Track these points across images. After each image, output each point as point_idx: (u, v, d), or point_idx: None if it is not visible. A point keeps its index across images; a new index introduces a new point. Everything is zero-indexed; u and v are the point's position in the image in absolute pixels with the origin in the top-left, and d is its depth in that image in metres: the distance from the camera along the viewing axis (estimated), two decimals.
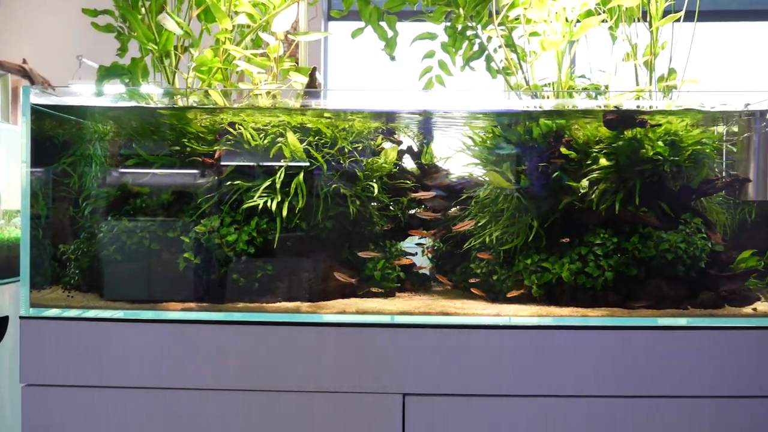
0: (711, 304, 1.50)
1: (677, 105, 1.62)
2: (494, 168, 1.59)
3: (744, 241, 1.58)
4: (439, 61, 2.06)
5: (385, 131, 1.67)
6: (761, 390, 1.45)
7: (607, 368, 1.44)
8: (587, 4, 1.72)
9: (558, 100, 1.68)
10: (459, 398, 1.45)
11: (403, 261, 1.62)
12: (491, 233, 1.57)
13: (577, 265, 1.50)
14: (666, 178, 1.50)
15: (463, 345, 1.44)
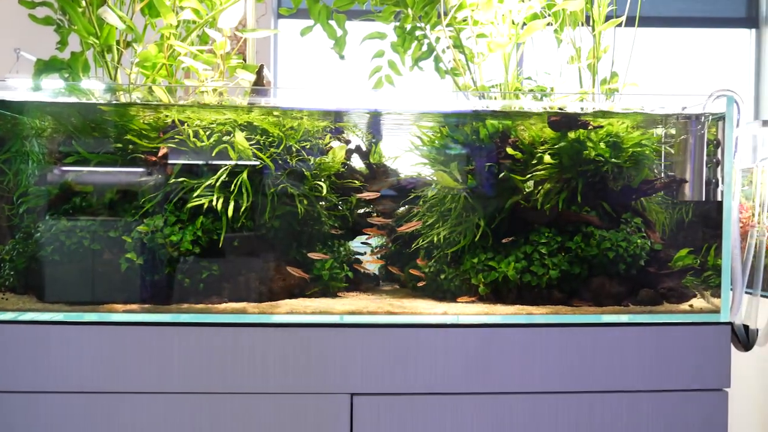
0: (650, 301, 1.55)
1: (619, 107, 1.66)
2: (442, 168, 1.60)
3: (681, 239, 1.64)
4: (389, 61, 2.07)
5: (334, 130, 1.67)
6: (698, 384, 1.50)
7: (551, 365, 1.47)
8: (533, 7, 1.75)
9: (504, 101, 1.70)
10: (407, 397, 1.45)
11: (374, 261, 1.63)
12: (439, 233, 1.58)
13: (522, 264, 1.52)
14: (607, 178, 1.54)
15: (411, 344, 1.45)
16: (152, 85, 1.62)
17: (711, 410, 1.51)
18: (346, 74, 3.37)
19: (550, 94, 1.81)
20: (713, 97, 1.49)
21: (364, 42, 2.05)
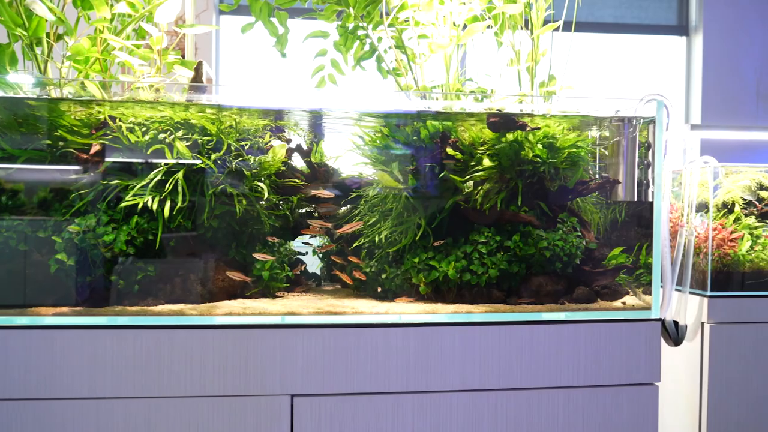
0: (585, 298, 1.59)
1: (556, 110, 1.70)
2: (383, 168, 1.60)
3: (615, 239, 1.68)
4: (332, 60, 2.06)
5: (274, 129, 1.65)
6: (630, 378, 1.55)
7: (491, 363, 1.49)
8: (473, 9, 1.77)
9: (446, 102, 1.72)
10: (348, 397, 1.45)
11: (358, 274, 1.61)
12: (380, 233, 1.58)
13: (462, 263, 1.54)
14: (545, 179, 1.57)
15: (352, 344, 1.44)
16: (85, 80, 1.57)
17: (642, 404, 1.56)
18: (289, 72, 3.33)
19: (491, 95, 1.84)
20: (644, 101, 1.54)
21: (307, 40, 2.04)
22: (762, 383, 2.15)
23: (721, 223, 2.15)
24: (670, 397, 2.30)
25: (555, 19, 1.86)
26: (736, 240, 2.12)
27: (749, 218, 2.19)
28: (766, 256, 2.14)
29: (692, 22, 5.28)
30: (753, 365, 2.14)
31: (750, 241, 2.14)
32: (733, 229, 2.14)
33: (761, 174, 2.23)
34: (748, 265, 2.13)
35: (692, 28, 5.29)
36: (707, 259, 2.13)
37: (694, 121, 5.24)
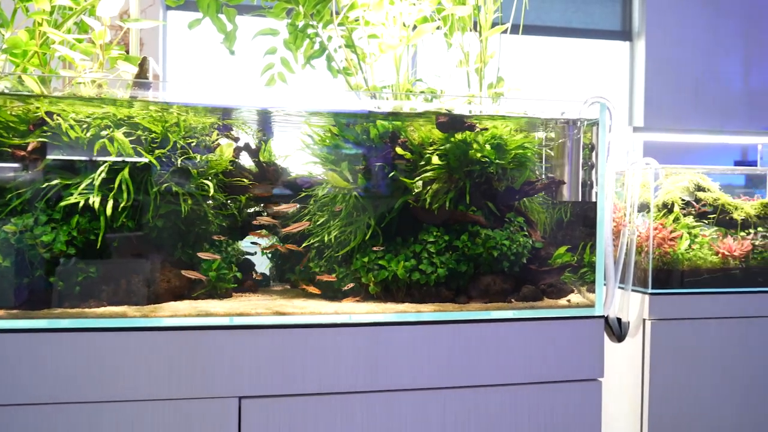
0: (532, 296, 1.61)
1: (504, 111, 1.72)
2: (333, 167, 1.59)
3: (560, 238, 1.72)
4: (282, 58, 2.04)
5: (222, 127, 1.62)
6: (575, 375, 1.59)
7: (439, 361, 1.50)
8: (423, 10, 1.78)
9: (395, 102, 1.72)
10: (297, 398, 1.44)
11: (326, 277, 1.58)
12: (329, 232, 1.58)
13: (411, 263, 1.54)
14: (492, 179, 1.59)
15: (301, 344, 1.43)
16: (22, 74, 1.51)
17: (587, 399, 1.60)
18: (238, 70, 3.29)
19: (440, 96, 1.85)
20: (588, 103, 1.58)
21: (257, 38, 2.01)
22: (699, 376, 2.23)
23: (661, 223, 2.22)
24: (614, 392, 2.37)
25: (503, 22, 1.89)
26: (675, 239, 2.19)
27: (687, 218, 2.27)
28: (703, 255, 2.22)
29: (635, 27, 5.44)
30: (691, 360, 2.22)
31: (688, 240, 2.21)
32: (673, 229, 2.21)
33: (699, 175, 2.31)
34: (686, 263, 2.21)
35: (635, 34, 5.45)
36: (648, 257, 2.19)
37: (637, 124, 5.40)
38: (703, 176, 2.32)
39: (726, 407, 2.25)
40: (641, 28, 5.36)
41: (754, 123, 5.51)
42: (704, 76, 5.51)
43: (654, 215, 2.22)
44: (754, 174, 2.71)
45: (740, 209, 2.30)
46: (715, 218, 2.29)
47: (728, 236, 2.27)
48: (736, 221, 2.28)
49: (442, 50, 2.00)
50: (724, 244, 2.24)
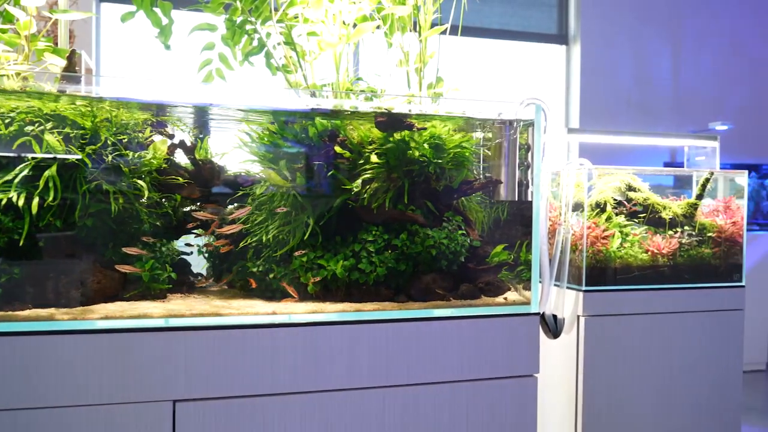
0: (470, 295, 1.63)
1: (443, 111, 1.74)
2: (271, 166, 1.57)
3: (498, 237, 1.75)
4: (220, 54, 2.00)
5: (156, 124, 1.58)
6: (511, 371, 1.62)
7: (378, 360, 1.50)
8: (363, 9, 1.78)
9: (335, 101, 1.71)
10: (234, 400, 1.41)
11: (290, 290, 1.55)
12: (268, 232, 1.55)
13: (351, 262, 1.54)
14: (431, 178, 1.60)
15: (238, 345, 1.41)
16: None
17: (523, 395, 1.63)
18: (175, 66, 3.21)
19: (380, 95, 1.86)
20: (524, 104, 1.61)
21: (194, 33, 1.97)
22: (630, 370, 2.31)
23: (594, 222, 2.29)
24: (551, 387, 2.42)
25: (443, 23, 1.91)
26: (607, 238, 2.26)
27: (619, 217, 2.34)
28: (634, 253, 2.30)
29: (571, 32, 5.59)
30: (622, 354, 2.29)
31: (620, 238, 2.29)
32: (605, 228, 2.28)
33: (630, 176, 2.39)
34: (618, 261, 2.28)
35: (571, 38, 5.60)
36: (582, 255, 2.25)
37: (573, 125, 5.55)
38: (634, 177, 2.40)
39: (653, 398, 2.34)
40: (576, 32, 5.52)
41: (681, 126, 5.75)
42: (635, 81, 5.71)
43: (587, 214, 2.29)
44: (682, 175, 2.82)
45: (668, 209, 2.39)
46: (645, 217, 2.37)
47: (657, 235, 2.35)
48: (664, 220, 2.37)
49: (384, 50, 2.00)
50: (653, 242, 2.32)
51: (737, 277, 2.45)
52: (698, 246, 2.38)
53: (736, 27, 6.07)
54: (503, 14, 5.36)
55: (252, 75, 2.03)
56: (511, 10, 5.39)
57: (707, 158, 2.80)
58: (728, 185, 2.58)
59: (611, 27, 5.61)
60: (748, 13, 6.12)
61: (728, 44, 6.03)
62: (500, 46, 5.44)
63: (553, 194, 2.41)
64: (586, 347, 2.25)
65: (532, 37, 5.52)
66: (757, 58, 6.17)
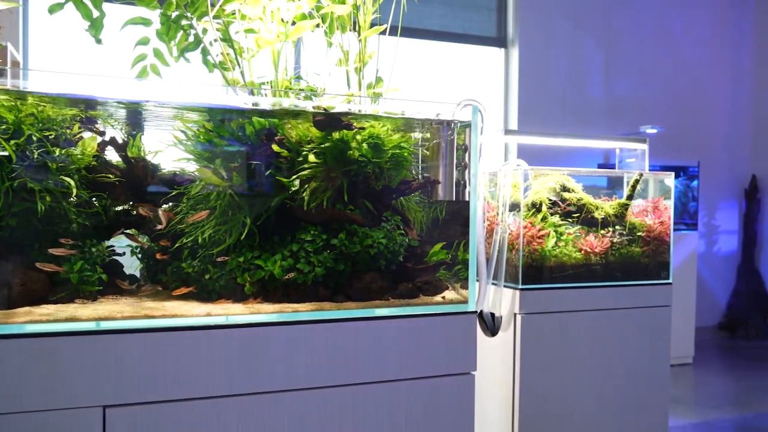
0: (408, 294, 1.64)
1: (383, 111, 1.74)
2: (207, 164, 1.54)
3: (436, 236, 1.76)
4: (155, 50, 1.95)
5: (86, 120, 1.52)
6: (449, 369, 1.63)
7: (317, 360, 1.49)
8: (302, 7, 1.77)
9: (273, 99, 1.69)
10: (167, 404, 1.37)
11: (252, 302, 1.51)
12: (203, 231, 1.52)
13: (288, 262, 1.53)
14: (370, 178, 1.60)
15: (172, 348, 1.37)
16: None
17: (461, 392, 1.65)
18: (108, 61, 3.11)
19: (320, 94, 1.85)
20: (461, 105, 1.63)
21: (127, 28, 1.91)
22: (564, 365, 2.37)
23: (530, 222, 2.34)
24: (489, 384, 2.46)
25: (382, 23, 1.91)
26: (543, 237, 2.32)
27: (554, 217, 2.40)
28: (568, 252, 2.36)
29: (510, 35, 5.70)
30: (556, 350, 2.35)
31: (555, 238, 2.35)
32: (541, 227, 2.33)
33: (564, 177, 2.46)
34: (553, 259, 2.34)
35: (510, 41, 5.71)
36: (519, 254, 2.30)
37: (511, 127, 5.66)
38: (568, 178, 2.46)
39: (586, 392, 2.41)
40: (515, 36, 5.63)
41: (614, 129, 5.95)
42: (571, 85, 5.88)
43: (524, 214, 2.34)
44: (614, 176, 2.91)
45: (600, 209, 2.46)
46: (578, 217, 2.44)
47: (590, 234, 2.42)
48: (597, 220, 2.45)
49: (324, 49, 1.99)
50: (587, 241, 2.39)
51: (665, 274, 2.55)
52: (629, 245, 2.46)
53: (668, 32, 6.33)
54: (444, 16, 5.42)
55: (188, 71, 1.99)
56: (451, 12, 5.45)
57: (637, 160, 2.90)
58: (658, 186, 2.68)
59: (548, 31, 5.76)
60: (679, 18, 6.39)
61: (659, 49, 6.27)
62: (441, 48, 5.50)
63: (491, 194, 2.46)
64: (522, 344, 2.29)
65: (471, 39, 5.61)
66: (687, 64, 6.44)
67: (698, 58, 6.51)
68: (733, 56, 6.70)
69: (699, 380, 5.04)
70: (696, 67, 6.49)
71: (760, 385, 4.92)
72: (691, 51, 6.46)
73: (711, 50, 6.58)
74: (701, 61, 6.53)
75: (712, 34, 6.59)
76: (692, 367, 5.36)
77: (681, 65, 6.40)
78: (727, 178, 6.72)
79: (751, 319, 6.49)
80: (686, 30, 6.43)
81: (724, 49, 6.65)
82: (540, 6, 5.68)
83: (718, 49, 6.63)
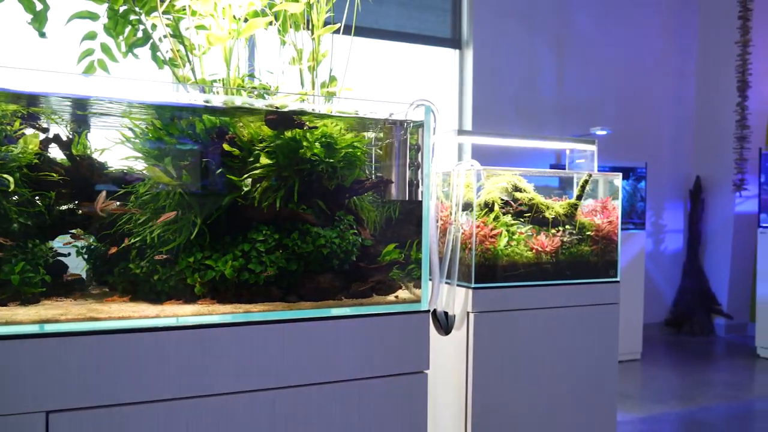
0: (361, 294, 1.64)
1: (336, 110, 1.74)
2: (156, 162, 1.51)
3: (389, 235, 1.77)
4: (102, 44, 1.90)
5: (27, 116, 1.47)
6: (402, 368, 1.64)
7: (269, 361, 1.48)
8: (254, 4, 1.75)
9: (224, 97, 1.67)
10: (114, 409, 1.34)
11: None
12: (152, 231, 1.49)
13: (240, 262, 1.51)
14: (322, 177, 1.59)
15: (119, 351, 1.34)
16: None
17: (414, 391, 1.66)
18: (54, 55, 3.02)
19: (273, 93, 1.83)
20: (414, 105, 1.63)
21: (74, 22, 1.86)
22: (516, 362, 2.40)
23: (483, 221, 2.37)
24: (443, 383, 2.48)
25: (337, 22, 1.90)
26: (495, 236, 2.35)
27: (506, 216, 2.44)
28: (519, 251, 2.40)
29: (464, 37, 5.75)
30: (509, 347, 2.39)
31: (507, 237, 2.38)
32: (493, 227, 2.36)
33: (516, 177, 2.49)
34: (505, 258, 2.37)
35: (464, 43, 5.76)
36: (472, 253, 2.32)
37: (466, 128, 5.71)
38: (520, 178, 2.50)
39: (537, 389, 2.45)
40: (469, 37, 5.69)
41: (566, 130, 6.07)
42: (524, 86, 5.97)
43: (476, 214, 2.36)
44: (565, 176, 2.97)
45: (551, 209, 2.51)
46: (530, 217, 2.48)
47: (541, 233, 2.47)
48: (547, 219, 2.49)
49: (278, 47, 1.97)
50: (538, 240, 2.43)
51: (613, 273, 2.61)
52: (578, 244, 2.52)
53: (618, 36, 6.49)
54: (399, 16, 5.44)
55: (138, 67, 1.94)
56: (407, 12, 5.48)
57: (587, 161, 2.96)
58: (607, 187, 2.74)
59: (502, 33, 5.84)
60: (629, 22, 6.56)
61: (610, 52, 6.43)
62: (397, 48, 5.52)
63: (444, 194, 2.47)
64: (475, 343, 2.32)
65: (427, 40, 5.64)
66: (637, 67, 6.62)
67: (647, 62, 6.70)
68: (679, 61, 6.92)
69: (647, 375, 5.18)
70: (644, 70, 6.68)
71: (705, 379, 5.09)
72: (640, 54, 6.64)
73: (659, 54, 6.78)
74: (650, 64, 6.72)
75: (660, 39, 6.79)
76: (640, 363, 5.51)
77: (631, 68, 6.57)
78: (672, 178, 6.93)
79: (695, 316, 6.71)
80: (636, 34, 6.60)
81: (671, 53, 6.86)
82: (494, 8, 5.76)
83: (666, 53, 6.83)
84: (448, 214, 2.40)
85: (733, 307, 6.70)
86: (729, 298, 6.68)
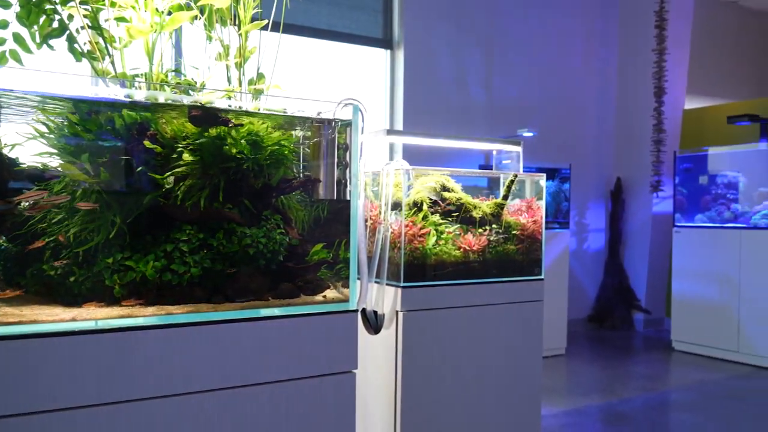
0: (289, 294, 1.62)
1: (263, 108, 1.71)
2: (72, 159, 1.44)
3: (318, 235, 1.76)
4: (14, 34, 1.81)
5: None
6: (330, 368, 1.63)
7: (194, 364, 1.44)
8: None
9: (146, 92, 1.62)
10: (25, 418, 1.28)
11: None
12: (68, 231, 1.43)
13: (162, 263, 1.46)
14: (249, 176, 1.57)
15: (31, 357, 1.28)
16: None
17: (342, 391, 1.65)
18: None
19: (198, 89, 1.79)
20: (342, 104, 1.63)
21: None
22: (444, 360, 2.44)
23: (411, 221, 2.39)
24: (373, 383, 2.49)
25: (265, 18, 1.88)
26: (424, 235, 2.37)
27: (435, 216, 2.46)
28: (448, 250, 2.43)
29: (395, 37, 5.79)
30: (437, 345, 2.42)
31: (435, 236, 2.41)
32: (422, 226, 2.39)
33: (444, 177, 2.52)
34: (433, 257, 2.39)
35: (395, 43, 5.80)
36: (401, 253, 2.34)
37: (397, 128, 5.75)
38: (448, 178, 2.53)
39: (465, 386, 2.49)
40: (400, 38, 5.73)
41: (495, 131, 6.20)
42: (455, 87, 6.06)
43: (405, 213, 2.38)
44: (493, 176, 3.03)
45: (478, 208, 2.56)
46: (458, 216, 2.51)
47: (468, 233, 2.51)
48: (475, 219, 2.53)
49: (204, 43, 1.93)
50: (465, 239, 2.47)
51: (537, 271, 2.68)
52: (504, 243, 2.57)
53: (545, 39, 6.67)
54: (331, 15, 5.42)
55: (54, 59, 1.85)
56: (338, 11, 5.46)
57: (513, 162, 3.03)
58: (534, 187, 2.82)
59: (432, 33, 5.90)
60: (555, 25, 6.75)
61: (537, 55, 6.60)
62: (328, 47, 5.49)
63: (374, 194, 2.48)
64: (404, 341, 2.33)
65: (358, 39, 5.64)
66: (562, 70, 6.83)
67: (571, 65, 6.92)
68: (601, 64, 7.19)
69: (571, 370, 5.36)
70: (569, 73, 6.90)
71: (626, 372, 5.30)
72: (565, 57, 6.86)
73: (582, 57, 7.02)
74: (574, 67, 6.95)
75: (583, 42, 7.03)
76: (565, 358, 5.69)
77: (556, 71, 6.77)
78: (595, 180, 7.20)
79: (616, 312, 6.99)
80: (561, 37, 6.81)
81: (593, 58, 7.12)
82: (425, 8, 5.82)
83: (589, 56, 7.08)
84: (377, 214, 2.40)
85: (650, 303, 7.03)
86: (647, 294, 6.99)
